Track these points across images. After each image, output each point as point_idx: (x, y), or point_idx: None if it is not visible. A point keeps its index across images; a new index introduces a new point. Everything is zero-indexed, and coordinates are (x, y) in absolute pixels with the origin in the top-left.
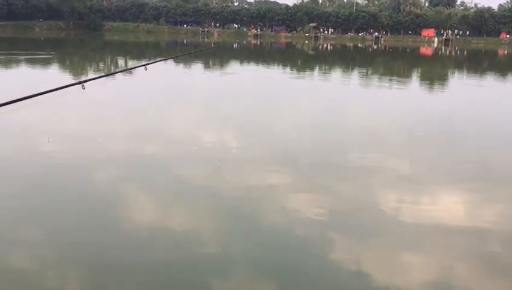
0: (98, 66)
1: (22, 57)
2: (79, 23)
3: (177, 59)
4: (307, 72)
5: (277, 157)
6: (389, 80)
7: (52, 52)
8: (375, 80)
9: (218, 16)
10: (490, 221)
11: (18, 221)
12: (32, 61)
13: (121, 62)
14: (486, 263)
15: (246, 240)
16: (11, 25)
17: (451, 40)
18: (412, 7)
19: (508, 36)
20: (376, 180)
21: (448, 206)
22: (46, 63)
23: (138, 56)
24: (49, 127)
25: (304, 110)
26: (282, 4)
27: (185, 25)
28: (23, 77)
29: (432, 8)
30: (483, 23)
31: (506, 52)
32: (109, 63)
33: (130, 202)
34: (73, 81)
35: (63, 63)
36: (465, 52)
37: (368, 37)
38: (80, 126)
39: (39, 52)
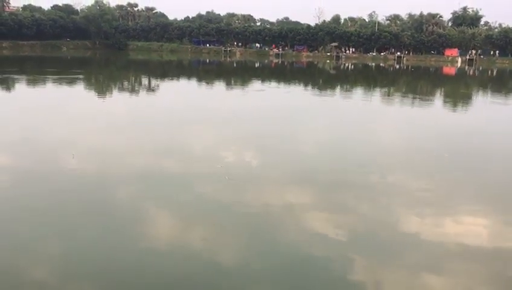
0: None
1: (50, 76)
2: (105, 43)
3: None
4: (328, 91)
5: (299, 175)
6: (412, 99)
7: (78, 72)
8: (397, 100)
9: (240, 36)
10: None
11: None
12: (59, 81)
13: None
14: (507, 287)
15: (265, 259)
16: (39, 44)
17: (475, 60)
18: (435, 27)
19: None
20: (397, 201)
21: (471, 228)
22: (72, 82)
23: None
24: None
25: (324, 130)
26: (304, 24)
27: (208, 44)
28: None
29: (456, 27)
30: (508, 43)
31: None
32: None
33: (154, 217)
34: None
35: (88, 82)
36: (489, 72)
37: (390, 56)
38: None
39: (68, 71)
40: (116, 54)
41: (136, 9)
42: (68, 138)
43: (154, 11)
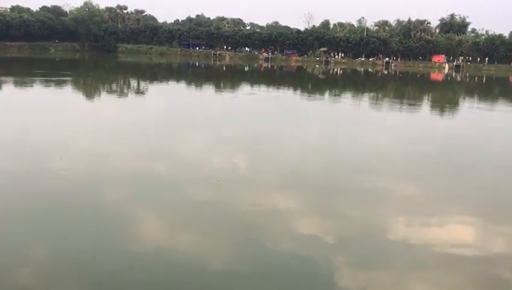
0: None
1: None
2: (94, 45)
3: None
4: (317, 95)
5: (287, 180)
6: (400, 104)
7: (67, 73)
8: (385, 105)
9: (230, 40)
10: (499, 248)
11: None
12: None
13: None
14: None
15: (255, 262)
16: (27, 46)
17: (462, 66)
18: (423, 33)
19: None
20: (385, 205)
21: (459, 233)
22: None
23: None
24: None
25: (313, 133)
26: (294, 28)
27: (197, 48)
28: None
29: (443, 34)
30: (495, 50)
31: None
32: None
33: (143, 220)
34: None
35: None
36: (477, 79)
37: (379, 62)
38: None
39: (57, 73)
40: (105, 56)
41: (125, 11)
42: (56, 140)
43: (143, 14)
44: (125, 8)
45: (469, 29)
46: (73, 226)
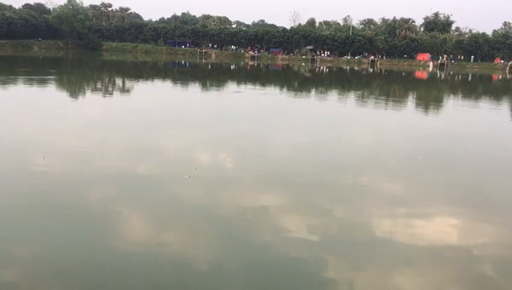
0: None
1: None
2: (78, 43)
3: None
4: (304, 93)
5: (274, 177)
6: (385, 103)
7: (51, 72)
8: (371, 103)
9: (216, 38)
10: (481, 244)
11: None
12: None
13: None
14: (477, 284)
15: (239, 260)
16: (9, 44)
17: (446, 65)
18: (407, 32)
19: (502, 61)
20: (370, 202)
21: (442, 229)
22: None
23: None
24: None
25: (299, 132)
26: (280, 27)
27: (183, 46)
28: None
29: (427, 32)
30: (478, 48)
31: (500, 76)
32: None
33: (128, 219)
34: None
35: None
36: (461, 77)
37: (364, 60)
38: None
39: (40, 71)
40: (89, 54)
41: (110, 9)
42: (39, 139)
43: (128, 12)
44: (110, 5)
45: (453, 28)
46: (57, 226)
